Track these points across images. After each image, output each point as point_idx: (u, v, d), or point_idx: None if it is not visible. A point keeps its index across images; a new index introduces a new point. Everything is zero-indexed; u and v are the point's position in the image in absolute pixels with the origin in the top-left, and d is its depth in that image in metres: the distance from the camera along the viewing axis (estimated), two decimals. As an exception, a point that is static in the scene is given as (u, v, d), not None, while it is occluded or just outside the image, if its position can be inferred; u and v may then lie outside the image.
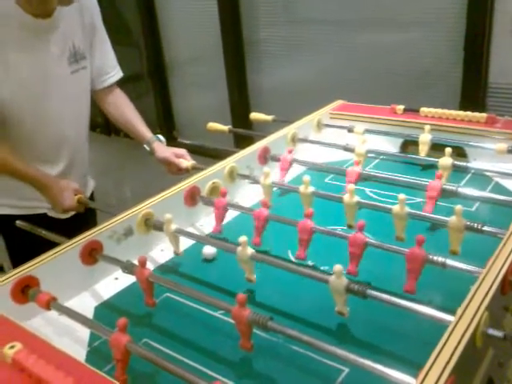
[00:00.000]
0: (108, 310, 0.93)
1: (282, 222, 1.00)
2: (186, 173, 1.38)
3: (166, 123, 3.84)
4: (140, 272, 0.86)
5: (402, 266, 0.84)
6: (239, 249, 0.88)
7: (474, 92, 2.35)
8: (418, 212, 1.00)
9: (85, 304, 0.93)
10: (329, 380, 0.73)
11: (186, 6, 3.48)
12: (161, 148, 1.49)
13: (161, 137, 1.55)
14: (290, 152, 1.28)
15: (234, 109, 3.35)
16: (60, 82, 1.33)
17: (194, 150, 1.57)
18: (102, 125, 3.90)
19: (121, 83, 1.60)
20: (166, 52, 3.75)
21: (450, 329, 0.64)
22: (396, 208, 0.98)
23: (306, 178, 1.10)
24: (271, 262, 0.89)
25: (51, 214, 1.39)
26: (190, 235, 1.03)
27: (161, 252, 1.08)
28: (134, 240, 1.03)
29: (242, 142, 1.79)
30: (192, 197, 1.14)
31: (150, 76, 3.86)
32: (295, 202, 1.12)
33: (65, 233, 1.03)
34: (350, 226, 1.06)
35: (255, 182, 1.23)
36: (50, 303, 0.80)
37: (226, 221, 1.14)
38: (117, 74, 1.55)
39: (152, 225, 1.05)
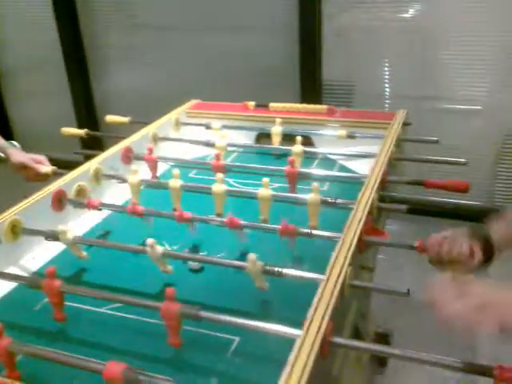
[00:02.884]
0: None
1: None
2: (45, 179, 1.33)
3: (2, 134, 3.56)
4: (49, 284, 0.80)
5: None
6: (149, 249, 0.89)
7: (311, 88, 2.59)
8: (280, 193, 1.12)
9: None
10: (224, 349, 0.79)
11: (20, 12, 3.27)
12: (16, 153, 1.41)
13: (15, 143, 1.47)
14: (150, 150, 1.31)
15: (79, 116, 3.23)
16: None
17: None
18: None
19: None
20: (0, 60, 3.47)
21: (322, 285, 0.74)
22: (261, 191, 1.07)
23: (176, 171, 1.15)
24: (180, 256, 0.94)
25: None
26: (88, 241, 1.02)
27: (32, 260, 1.04)
28: (2, 249, 0.98)
29: (91, 147, 1.76)
30: (59, 201, 1.12)
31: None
32: (164, 197, 1.16)
33: None
34: (218, 215, 1.13)
35: (123, 181, 1.24)
36: None
37: (98, 221, 1.15)
38: None
39: (20, 233, 1.01)
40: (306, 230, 0.93)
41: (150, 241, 0.88)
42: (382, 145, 1.23)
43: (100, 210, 1.09)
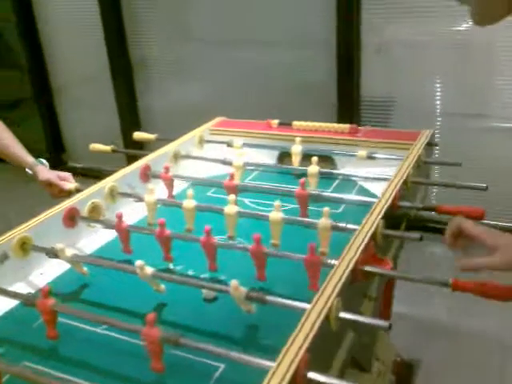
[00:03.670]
0: (-16, 339, 0.90)
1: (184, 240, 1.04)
2: (68, 195, 1.37)
3: (54, 147, 3.73)
4: (43, 303, 0.82)
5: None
6: (138, 270, 0.90)
7: (348, 105, 2.56)
8: (292, 217, 1.09)
9: (-42, 335, 0.90)
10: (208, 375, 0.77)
11: (70, 28, 3.43)
12: (43, 171, 1.46)
13: (43, 160, 1.52)
14: (167, 168, 1.32)
15: (124, 130, 3.33)
16: None
17: (85, 173, 1.56)
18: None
19: (3, 108, 1.54)
20: (52, 75, 3.65)
21: (305, 315, 0.72)
22: (272, 214, 1.05)
23: (190, 192, 1.14)
24: (172, 279, 0.92)
25: None
26: (87, 259, 1.04)
27: (40, 276, 1.07)
28: (10, 265, 1.02)
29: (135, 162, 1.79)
30: (71, 218, 1.15)
31: (35, 99, 3.74)
32: (178, 216, 1.16)
33: None
34: (230, 237, 1.11)
35: (139, 199, 1.25)
36: None
37: (108, 239, 1.17)
38: None
39: (29, 249, 1.04)
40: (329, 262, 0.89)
41: (138, 263, 0.88)
42: (398, 167, 1.19)
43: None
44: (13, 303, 0.95)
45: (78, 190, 1.35)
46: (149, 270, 0.88)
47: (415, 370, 1.51)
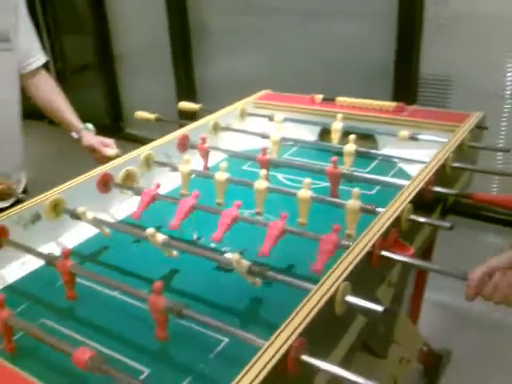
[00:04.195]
0: (11, 293, 0.95)
1: (206, 211, 1.03)
2: (110, 161, 1.40)
3: (113, 114, 3.84)
4: (62, 264, 0.85)
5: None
6: (150, 238, 0.92)
7: (406, 82, 2.45)
8: (321, 196, 1.06)
9: (-12, 288, 0.96)
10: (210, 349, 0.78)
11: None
12: (88, 136, 1.51)
13: (90, 126, 1.57)
14: (203, 139, 1.32)
15: (180, 99, 3.37)
16: None
17: (141, 141, 1.57)
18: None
19: (69, 73, 1.59)
20: (115, 42, 3.74)
21: (308, 296, 0.70)
22: (300, 192, 1.03)
23: (223, 164, 1.14)
24: (182, 247, 0.93)
25: None
26: (106, 224, 1.06)
27: (71, 237, 1.11)
28: (42, 226, 1.06)
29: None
30: (105, 184, 1.17)
31: (97, 66, 3.85)
32: (213, 188, 1.16)
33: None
34: (258, 213, 1.10)
35: (174, 169, 1.26)
36: None
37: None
38: (42, 57, 1.55)
39: (62, 211, 1.08)
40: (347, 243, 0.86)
41: (149, 230, 0.89)
42: (438, 151, 1.13)
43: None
44: (40, 263, 0.99)
45: (118, 157, 1.38)
46: (160, 237, 0.90)
47: (445, 361, 1.46)
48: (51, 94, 1.54)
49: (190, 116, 2.32)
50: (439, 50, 2.39)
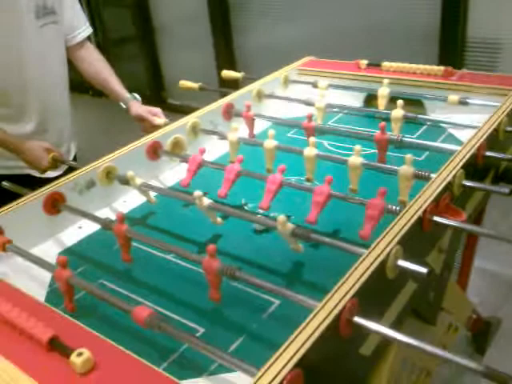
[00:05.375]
0: (70, 256, 0.99)
1: (252, 177, 1.05)
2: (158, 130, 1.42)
3: (155, 84, 3.87)
4: (118, 228, 0.88)
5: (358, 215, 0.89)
6: (197, 201, 0.94)
7: (452, 46, 2.37)
8: (373, 162, 1.05)
9: (48, 251, 1.00)
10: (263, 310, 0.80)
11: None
12: (135, 105, 1.53)
13: (137, 95, 1.59)
14: (248, 107, 1.33)
15: (220, 69, 3.36)
16: (26, 36, 1.36)
17: (183, 111, 1.59)
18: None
19: (111, 45, 1.62)
20: (155, 13, 3.74)
21: (361, 259, 0.71)
22: (351, 159, 1.02)
23: (271, 131, 1.14)
24: (226, 211, 0.96)
25: (35, 174, 1.44)
26: (154, 189, 1.08)
27: (123, 203, 1.15)
28: (97, 192, 1.10)
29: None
30: (154, 151, 1.20)
31: (139, 38, 3.87)
32: (260, 156, 1.17)
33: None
34: (308, 180, 1.10)
35: (222, 137, 1.27)
36: (5, 245, 0.87)
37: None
38: (87, 29, 1.58)
39: (114, 178, 1.11)
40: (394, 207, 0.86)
41: (196, 193, 0.91)
42: (492, 114, 1.09)
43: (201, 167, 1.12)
44: (96, 227, 1.03)
45: (166, 125, 1.40)
46: (206, 200, 0.92)
47: (494, 329, 1.45)
48: (98, 65, 1.57)
49: (232, 85, 2.32)
50: (487, 12, 2.29)
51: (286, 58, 1.69)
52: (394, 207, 0.86)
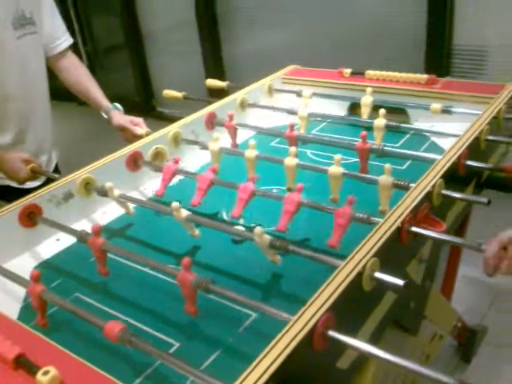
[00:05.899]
0: (46, 269, 0.98)
1: (223, 186, 1.04)
2: (140, 140, 1.41)
3: (144, 93, 3.86)
4: (93, 241, 0.87)
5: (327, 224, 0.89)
6: (174, 212, 0.93)
7: (438, 54, 2.38)
8: (353, 172, 1.04)
9: (25, 264, 0.98)
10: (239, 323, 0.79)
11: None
12: (117, 115, 1.52)
13: (118, 105, 1.58)
14: (231, 116, 1.32)
15: (208, 77, 3.35)
16: (4, 47, 1.34)
17: (173, 119, 1.58)
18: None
19: (101, 54, 1.61)
20: (143, 21, 3.74)
21: (336, 272, 0.70)
22: (331, 168, 1.02)
23: (252, 142, 1.13)
24: (204, 222, 0.94)
25: (14, 185, 1.42)
26: (132, 200, 1.07)
27: (102, 214, 1.13)
28: (75, 203, 1.08)
29: None
30: (134, 162, 1.19)
31: (127, 46, 3.86)
32: (242, 165, 1.16)
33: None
34: (289, 189, 1.09)
35: (203, 147, 1.26)
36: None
37: (171, 184, 1.20)
38: (68, 38, 1.56)
39: (92, 189, 1.09)
40: (362, 215, 0.86)
41: (174, 204, 0.90)
42: (473, 123, 1.09)
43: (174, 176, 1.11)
44: (74, 239, 1.01)
45: (148, 135, 1.39)
46: (184, 212, 0.91)
47: (480, 337, 1.44)
48: (79, 75, 1.56)
49: (219, 94, 2.31)
50: (473, 19, 2.30)
51: (272, 66, 1.69)
52: (362, 215, 0.85)
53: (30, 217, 1.01)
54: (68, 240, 1.04)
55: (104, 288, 0.91)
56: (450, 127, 1.27)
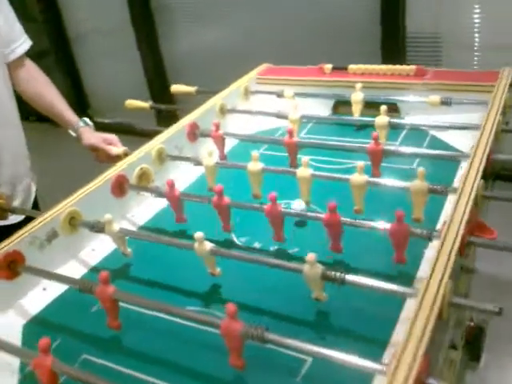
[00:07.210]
0: (38, 326, 0.82)
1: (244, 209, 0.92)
2: (117, 160, 1.24)
3: (78, 102, 3.60)
4: (102, 290, 0.72)
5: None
6: (196, 245, 0.79)
7: (393, 43, 2.35)
8: (378, 180, 0.94)
9: (11, 323, 0.82)
10: (294, 371, 0.68)
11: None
12: (87, 133, 1.35)
13: (88, 120, 1.40)
14: (217, 125, 1.19)
15: (150, 80, 3.18)
16: None
17: (113, 129, 1.44)
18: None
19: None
20: (69, 24, 3.48)
21: (417, 304, 0.60)
22: (354, 177, 0.91)
23: (256, 153, 1.00)
24: (236, 255, 0.81)
25: None
26: (136, 234, 0.93)
27: (92, 252, 0.98)
28: (60, 243, 0.92)
29: (165, 116, 1.64)
30: (119, 187, 1.04)
31: (53, 52, 3.58)
32: (238, 179, 1.04)
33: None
34: (306, 203, 0.98)
35: (198, 163, 1.12)
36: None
37: (160, 207, 1.07)
38: (26, 41, 1.35)
39: (78, 224, 0.94)
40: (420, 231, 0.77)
41: (198, 235, 0.77)
42: (487, 113, 1.03)
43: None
44: (63, 286, 0.86)
45: (126, 155, 1.23)
46: (208, 245, 0.78)
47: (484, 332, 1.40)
48: (41, 86, 1.36)
49: (169, 99, 2.15)
50: (425, 5, 2.29)
51: (218, 64, 1.57)
52: (421, 231, 0.76)
53: (11, 267, 0.84)
54: (55, 288, 0.88)
55: (118, 345, 0.76)
56: (447, 119, 1.21)
